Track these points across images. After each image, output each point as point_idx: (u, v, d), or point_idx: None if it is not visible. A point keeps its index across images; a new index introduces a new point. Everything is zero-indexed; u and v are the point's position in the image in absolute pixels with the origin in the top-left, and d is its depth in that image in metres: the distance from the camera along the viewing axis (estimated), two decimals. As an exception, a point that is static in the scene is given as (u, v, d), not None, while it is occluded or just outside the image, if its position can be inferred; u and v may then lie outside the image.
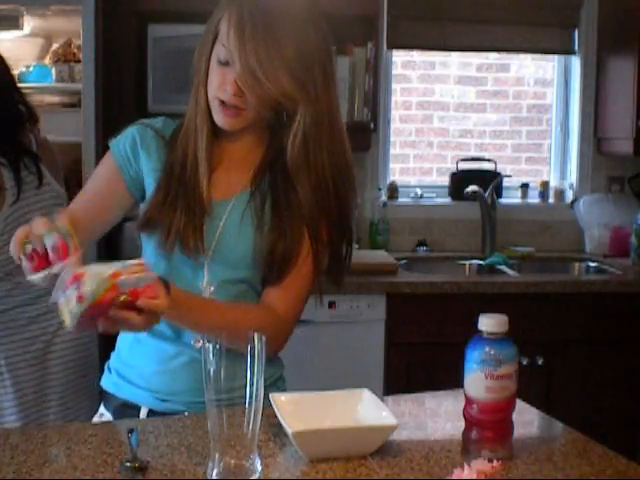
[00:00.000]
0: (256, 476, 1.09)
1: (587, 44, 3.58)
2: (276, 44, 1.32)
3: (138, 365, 1.50)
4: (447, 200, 3.63)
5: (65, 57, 3.13)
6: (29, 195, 1.98)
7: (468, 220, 3.54)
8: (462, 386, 1.23)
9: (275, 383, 1.52)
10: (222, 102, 1.38)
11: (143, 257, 1.49)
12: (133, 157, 1.48)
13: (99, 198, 1.49)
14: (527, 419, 1.41)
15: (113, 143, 1.51)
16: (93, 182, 1.52)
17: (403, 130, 3.69)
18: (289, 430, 1.17)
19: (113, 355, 1.58)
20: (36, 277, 1.18)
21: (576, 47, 3.61)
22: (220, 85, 1.37)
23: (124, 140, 1.49)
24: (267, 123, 1.45)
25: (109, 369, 1.57)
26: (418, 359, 2.88)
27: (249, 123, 1.42)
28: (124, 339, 1.55)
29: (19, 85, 2.20)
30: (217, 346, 1.09)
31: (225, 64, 1.35)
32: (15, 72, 3.02)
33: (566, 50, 3.63)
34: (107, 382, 1.55)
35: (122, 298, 1.13)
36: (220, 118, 1.40)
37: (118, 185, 1.48)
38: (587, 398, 2.98)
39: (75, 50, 3.12)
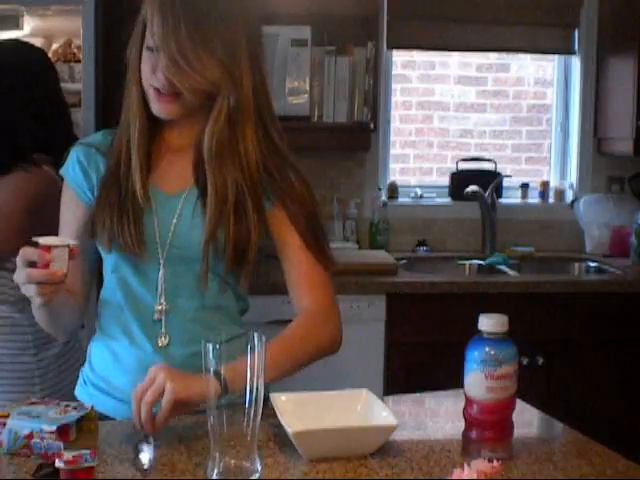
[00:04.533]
0: (256, 476, 1.09)
1: (587, 44, 3.58)
2: (199, 31, 1.33)
3: (115, 379, 1.46)
4: (447, 200, 3.63)
5: (65, 57, 3.13)
6: None
7: (468, 220, 3.53)
8: (462, 386, 1.23)
9: None
10: (156, 90, 1.38)
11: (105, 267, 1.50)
12: (86, 180, 1.47)
13: (75, 234, 1.45)
14: (527, 419, 1.41)
15: (64, 172, 1.50)
16: (64, 220, 1.50)
17: (403, 130, 3.69)
18: (289, 430, 1.18)
19: (86, 368, 1.54)
20: None
21: (576, 47, 3.61)
22: (152, 72, 1.37)
23: (72, 166, 1.48)
24: (202, 110, 1.43)
25: (84, 381, 1.53)
26: (418, 359, 2.88)
27: (186, 109, 1.41)
28: (97, 353, 1.51)
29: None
30: (217, 346, 1.09)
31: (155, 50, 1.36)
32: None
33: (566, 50, 3.62)
34: (82, 394, 1.52)
35: None
36: (157, 107, 1.40)
37: (81, 212, 1.47)
38: (587, 398, 2.98)
39: (75, 50, 3.12)
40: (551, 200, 3.68)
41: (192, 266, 1.42)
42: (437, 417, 1.50)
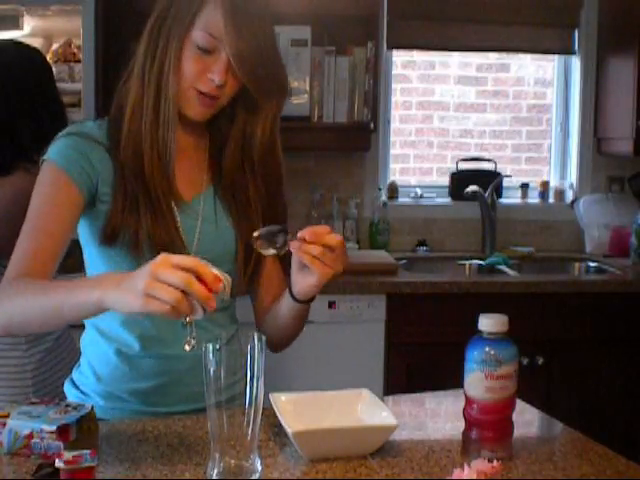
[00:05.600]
0: (256, 476, 1.09)
1: (587, 44, 3.58)
2: (262, 31, 1.32)
3: (128, 385, 1.41)
4: (447, 200, 3.63)
5: (65, 57, 3.13)
6: None
7: (468, 220, 3.53)
8: (462, 386, 1.23)
9: None
10: (199, 92, 1.34)
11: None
12: (89, 170, 1.34)
13: (67, 226, 1.33)
14: (527, 419, 1.41)
15: (55, 157, 1.34)
16: (53, 201, 1.33)
17: (403, 130, 3.69)
18: (289, 430, 1.17)
19: (89, 379, 1.45)
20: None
21: (576, 47, 3.61)
22: (199, 74, 1.33)
23: (69, 152, 1.34)
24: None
25: (82, 392, 1.46)
26: (418, 359, 2.88)
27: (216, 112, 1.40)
28: (102, 360, 1.43)
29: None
30: (217, 346, 1.09)
31: (206, 52, 1.32)
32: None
33: (566, 50, 3.62)
34: None
35: None
36: (195, 109, 1.35)
37: (74, 198, 1.33)
38: (587, 398, 2.98)
39: (75, 50, 3.13)
40: (551, 200, 3.68)
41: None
42: (437, 417, 1.50)
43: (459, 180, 3.58)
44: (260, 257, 1.42)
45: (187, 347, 1.34)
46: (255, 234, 1.24)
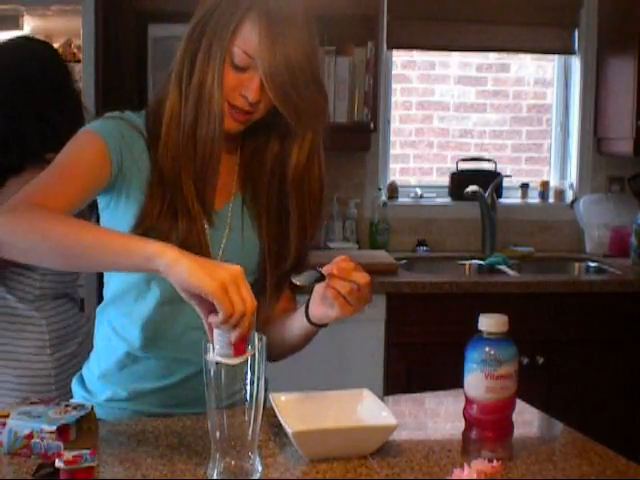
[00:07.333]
0: (256, 476, 1.09)
1: (587, 44, 3.58)
2: (299, 55, 1.28)
3: (133, 384, 1.41)
4: (447, 200, 3.63)
5: (65, 57, 3.13)
6: None
7: (468, 220, 3.53)
8: (462, 386, 1.23)
9: None
10: (232, 107, 1.32)
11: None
12: (127, 154, 1.33)
13: (87, 185, 1.29)
14: (527, 419, 1.41)
15: (101, 129, 1.33)
16: (85, 158, 1.30)
17: (403, 130, 3.69)
18: (289, 430, 1.17)
19: (92, 375, 1.46)
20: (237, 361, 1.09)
21: (576, 47, 3.61)
22: (233, 90, 1.31)
23: (115, 132, 1.33)
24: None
25: (88, 391, 1.45)
26: (418, 359, 2.88)
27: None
28: (110, 357, 1.43)
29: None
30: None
31: (241, 70, 1.30)
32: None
33: (566, 50, 3.62)
34: (106, 411, 1.41)
35: None
36: (228, 122, 1.33)
37: (104, 168, 1.31)
38: (587, 398, 2.98)
39: (75, 50, 3.13)
40: (551, 200, 3.68)
41: None
42: (437, 417, 1.50)
43: (459, 180, 3.58)
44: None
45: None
46: (298, 283, 1.27)
